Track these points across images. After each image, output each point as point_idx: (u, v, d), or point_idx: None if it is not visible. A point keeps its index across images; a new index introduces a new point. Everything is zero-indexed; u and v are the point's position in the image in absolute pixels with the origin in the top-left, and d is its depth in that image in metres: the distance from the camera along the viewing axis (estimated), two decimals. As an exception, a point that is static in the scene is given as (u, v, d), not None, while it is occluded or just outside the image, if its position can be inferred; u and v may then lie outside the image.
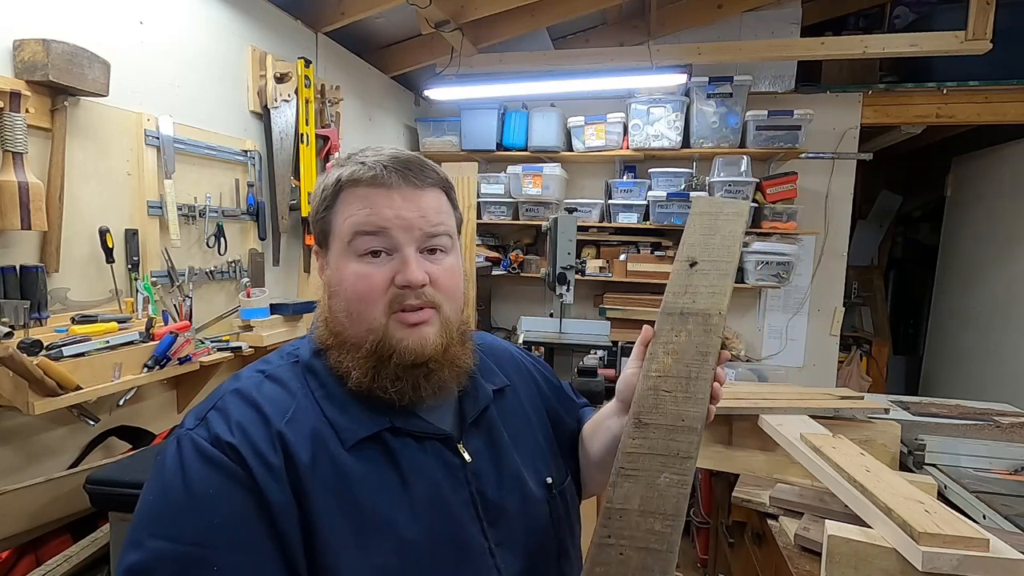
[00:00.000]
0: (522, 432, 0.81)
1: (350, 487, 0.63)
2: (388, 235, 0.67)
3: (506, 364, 0.89)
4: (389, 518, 0.63)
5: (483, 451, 0.74)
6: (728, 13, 3.36)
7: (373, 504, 0.63)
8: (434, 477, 0.68)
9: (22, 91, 1.38)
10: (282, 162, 2.40)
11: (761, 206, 3.28)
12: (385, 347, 0.67)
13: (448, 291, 0.71)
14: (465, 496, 0.69)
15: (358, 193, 0.68)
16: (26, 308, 1.36)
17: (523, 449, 0.79)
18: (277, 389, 0.68)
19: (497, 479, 0.72)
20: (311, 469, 0.62)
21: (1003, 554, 0.91)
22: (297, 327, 2.23)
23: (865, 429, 1.73)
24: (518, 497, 0.73)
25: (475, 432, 0.75)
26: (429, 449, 0.69)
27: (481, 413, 0.76)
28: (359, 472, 0.64)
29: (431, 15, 2.76)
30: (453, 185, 0.76)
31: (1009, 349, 3.55)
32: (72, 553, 1.22)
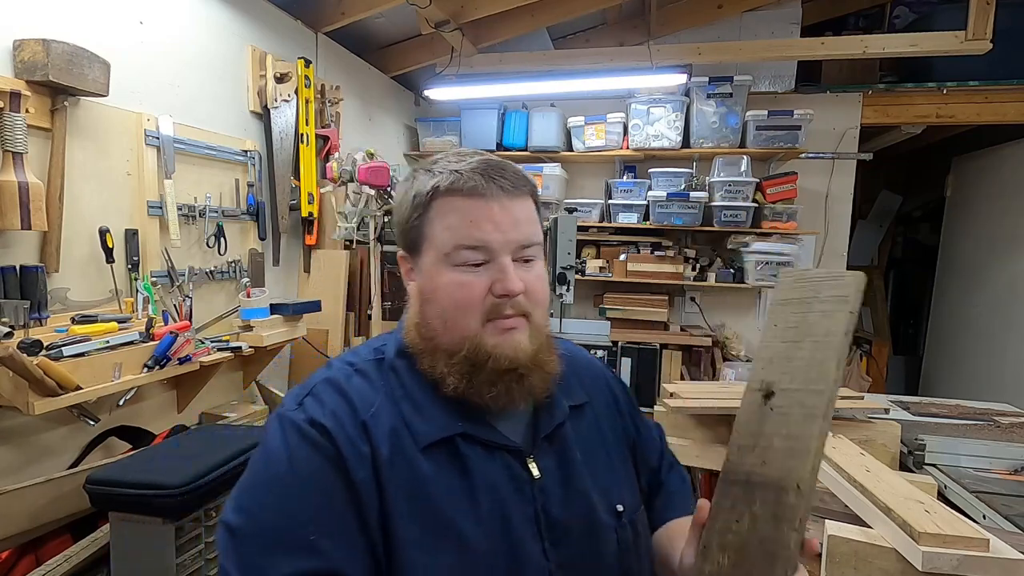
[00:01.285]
0: (596, 453, 0.76)
1: (423, 487, 0.64)
2: (488, 248, 0.67)
3: (586, 377, 0.84)
4: (455, 523, 0.64)
5: (553, 468, 0.71)
6: (728, 13, 3.36)
7: (442, 507, 0.64)
8: (500, 488, 0.67)
9: (22, 91, 1.38)
10: (282, 162, 2.40)
11: (761, 206, 3.28)
12: (480, 353, 0.67)
13: (538, 299, 0.71)
14: (530, 512, 0.68)
15: (455, 203, 0.68)
16: (26, 308, 1.36)
17: (595, 471, 0.74)
18: (364, 384, 0.70)
19: (564, 499, 0.70)
20: (389, 463, 0.64)
21: (1003, 554, 0.91)
22: (297, 327, 2.23)
23: (865, 429, 1.73)
24: (585, 520, 0.70)
25: (547, 448, 0.72)
26: (498, 459, 0.69)
27: (555, 429, 0.73)
28: (431, 474, 0.65)
29: (431, 15, 2.76)
30: (534, 189, 0.74)
31: (1009, 349, 3.55)
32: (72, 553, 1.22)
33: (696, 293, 3.70)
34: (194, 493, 1.13)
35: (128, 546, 1.15)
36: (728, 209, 3.28)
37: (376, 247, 2.40)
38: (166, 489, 1.10)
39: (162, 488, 1.10)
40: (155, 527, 1.12)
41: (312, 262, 2.62)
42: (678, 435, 1.86)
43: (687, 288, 3.64)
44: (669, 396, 1.94)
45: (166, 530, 1.12)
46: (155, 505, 1.10)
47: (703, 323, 3.70)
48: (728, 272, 3.39)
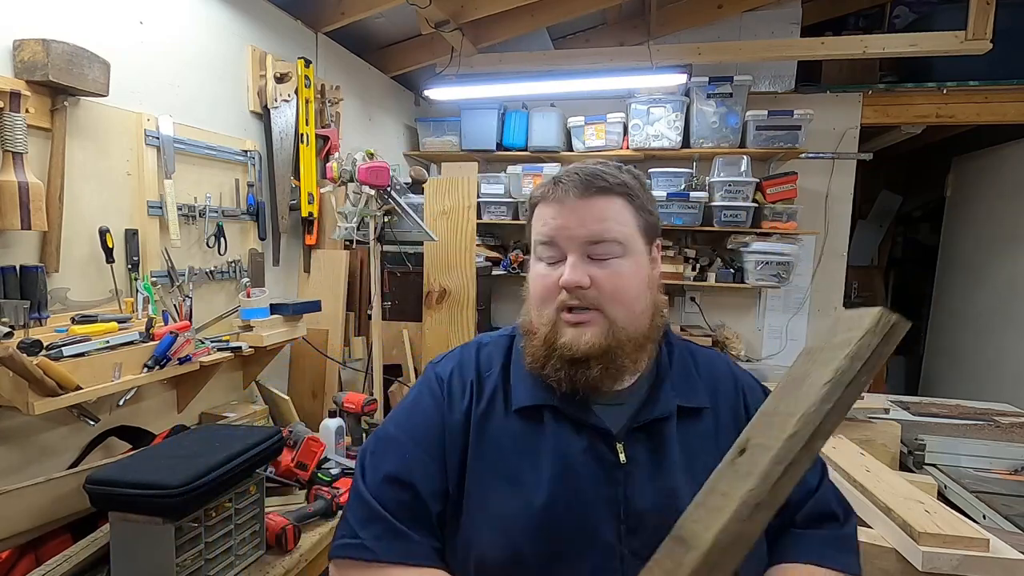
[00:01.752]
0: (701, 458, 0.74)
1: (502, 439, 0.77)
2: (556, 244, 0.77)
3: (721, 388, 0.83)
4: (520, 476, 0.74)
5: (643, 459, 0.74)
6: (728, 13, 3.36)
7: (512, 459, 0.75)
8: (575, 461, 0.73)
9: (22, 91, 1.38)
10: (282, 162, 2.40)
11: (761, 206, 3.28)
12: (552, 340, 0.76)
13: (610, 294, 0.74)
14: (612, 494, 0.72)
15: (540, 208, 0.81)
16: (26, 308, 1.36)
17: (694, 475, 0.72)
18: (488, 354, 0.86)
19: (651, 491, 0.72)
20: (483, 415, 0.79)
21: (1003, 554, 0.91)
22: (297, 327, 2.23)
23: (865, 429, 1.73)
24: (666, 517, 0.68)
25: (641, 438, 0.75)
26: (584, 438, 0.75)
27: (653, 422, 0.76)
28: (512, 431, 0.77)
29: (431, 15, 2.76)
30: (639, 188, 0.78)
31: (1009, 349, 3.55)
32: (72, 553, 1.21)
33: (696, 293, 3.70)
34: (194, 493, 1.13)
35: (128, 546, 1.15)
36: (728, 209, 3.28)
37: (376, 247, 2.40)
38: (166, 489, 1.09)
39: (162, 488, 1.10)
40: (155, 527, 1.12)
41: (312, 262, 2.62)
42: (678, 435, 1.86)
43: (687, 288, 3.64)
44: (669, 396, 1.93)
45: (166, 530, 1.12)
46: (155, 505, 1.10)
47: (703, 323, 3.70)
48: (728, 272, 3.39)
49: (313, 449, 1.71)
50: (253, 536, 1.35)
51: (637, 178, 0.81)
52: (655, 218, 0.80)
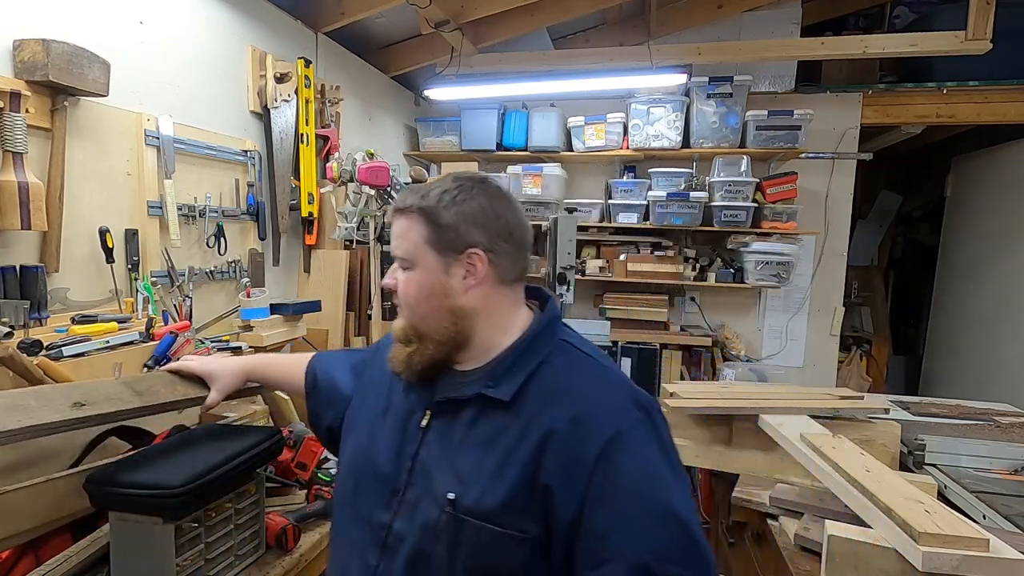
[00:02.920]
0: (480, 445, 0.80)
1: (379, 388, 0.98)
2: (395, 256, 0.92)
3: (548, 400, 0.80)
4: (372, 426, 0.94)
5: (440, 429, 0.86)
6: (728, 13, 3.37)
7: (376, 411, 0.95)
8: (401, 417, 0.91)
9: (22, 91, 1.38)
10: (282, 162, 2.40)
11: (761, 206, 3.28)
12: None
13: (401, 298, 0.90)
14: (410, 450, 0.86)
15: None
16: (26, 308, 1.36)
17: (464, 457, 0.81)
18: None
19: (434, 457, 0.85)
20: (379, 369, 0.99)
21: (1003, 554, 0.91)
22: (297, 327, 2.23)
23: (865, 429, 1.73)
24: (427, 483, 0.83)
25: (444, 411, 0.87)
26: (412, 400, 0.91)
27: (452, 400, 0.86)
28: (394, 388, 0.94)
29: (431, 15, 2.76)
30: (428, 211, 0.86)
31: (1009, 349, 3.55)
32: (72, 553, 1.21)
33: (696, 293, 3.71)
34: (194, 493, 1.13)
35: (128, 546, 1.15)
36: (728, 209, 3.28)
37: (376, 247, 2.40)
38: (166, 489, 1.09)
39: (162, 488, 1.10)
40: (155, 527, 1.12)
41: (312, 262, 2.62)
42: (678, 435, 1.86)
43: (687, 288, 3.64)
44: (669, 396, 1.94)
45: (166, 530, 1.11)
46: (155, 505, 1.10)
47: (703, 323, 3.70)
48: (728, 272, 3.39)
49: (313, 449, 1.70)
50: (253, 536, 1.35)
51: (451, 194, 0.85)
52: (457, 232, 0.84)
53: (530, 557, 0.75)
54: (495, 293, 0.87)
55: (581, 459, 0.75)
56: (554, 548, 0.76)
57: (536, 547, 0.75)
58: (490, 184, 0.88)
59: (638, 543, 0.71)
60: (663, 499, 0.73)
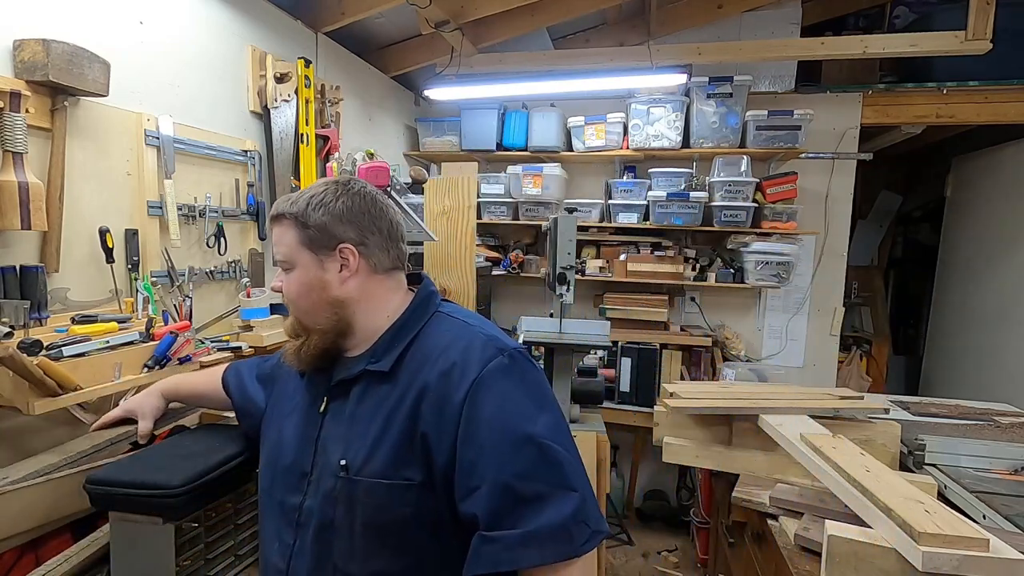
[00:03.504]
0: (365, 414, 0.91)
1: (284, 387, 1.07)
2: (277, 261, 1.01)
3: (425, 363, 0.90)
4: (281, 424, 1.02)
5: (335, 409, 0.95)
6: (728, 13, 3.36)
7: (283, 409, 1.03)
8: (303, 408, 0.99)
9: (22, 91, 1.38)
10: (282, 162, 2.40)
11: (761, 206, 3.28)
12: None
13: (287, 297, 0.98)
14: (313, 434, 0.95)
15: None
16: (26, 308, 1.36)
17: (355, 428, 0.91)
18: None
19: (330, 435, 0.93)
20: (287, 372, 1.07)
21: (1003, 554, 0.91)
22: (297, 327, 2.23)
23: (865, 429, 1.73)
24: (325, 458, 0.92)
25: (338, 393, 0.95)
26: (313, 391, 0.99)
27: (341, 382, 0.95)
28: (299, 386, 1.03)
29: (431, 15, 2.76)
30: (297, 214, 0.95)
31: (1009, 349, 3.55)
32: (72, 553, 1.21)
33: (696, 293, 3.71)
34: (194, 493, 1.13)
35: (128, 546, 1.15)
36: (728, 209, 3.28)
37: (376, 247, 2.40)
38: (166, 489, 1.09)
39: (162, 488, 1.10)
40: (155, 527, 1.12)
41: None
42: (678, 435, 1.87)
43: (687, 288, 3.64)
44: (669, 396, 1.94)
45: (166, 530, 1.11)
46: (155, 505, 1.10)
47: (703, 323, 3.71)
48: (728, 272, 3.39)
49: (313, 449, 1.71)
50: (253, 536, 1.35)
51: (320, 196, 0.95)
52: (326, 231, 0.93)
53: (417, 502, 0.85)
54: (371, 282, 0.96)
55: (450, 405, 0.84)
56: (436, 490, 0.85)
57: (422, 492, 0.85)
58: (354, 184, 0.98)
59: (500, 468, 0.80)
60: (521, 428, 0.82)
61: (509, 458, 0.80)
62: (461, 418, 0.83)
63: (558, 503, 0.79)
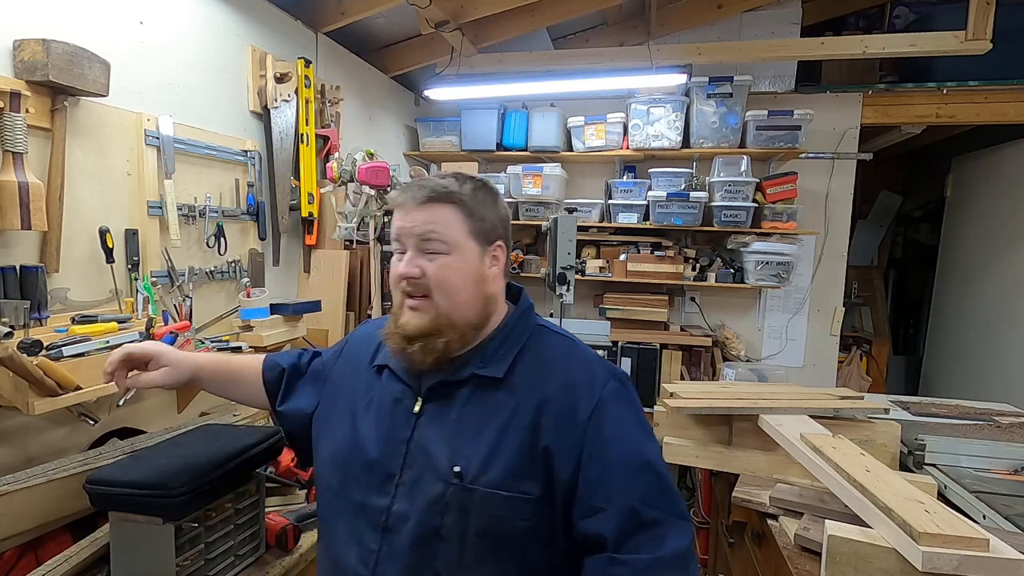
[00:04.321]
0: (477, 420, 0.88)
1: (353, 386, 1.01)
2: (400, 241, 0.93)
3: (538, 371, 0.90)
4: (356, 415, 0.97)
5: (434, 411, 0.91)
6: (728, 13, 3.36)
7: (354, 401, 0.98)
8: (385, 407, 0.95)
9: (22, 91, 1.38)
10: (282, 162, 2.40)
11: (761, 206, 3.28)
12: (397, 319, 0.94)
13: (438, 284, 0.89)
14: (405, 435, 0.90)
15: (394, 212, 0.95)
16: (26, 308, 1.36)
17: (464, 432, 0.88)
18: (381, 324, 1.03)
19: (430, 438, 0.89)
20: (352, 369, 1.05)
21: (1003, 554, 0.91)
22: (297, 327, 2.23)
23: (865, 429, 1.73)
24: (426, 458, 0.88)
25: (438, 394, 0.92)
26: (398, 390, 0.95)
27: (445, 384, 0.91)
28: (363, 380, 1.00)
29: (431, 15, 2.76)
30: (465, 201, 0.91)
31: (1009, 349, 3.55)
32: (72, 553, 1.21)
33: (696, 293, 3.70)
34: (194, 493, 1.13)
35: (128, 546, 1.15)
36: (728, 209, 3.28)
37: (376, 247, 2.40)
38: (166, 489, 1.10)
39: (162, 488, 1.10)
40: (155, 527, 1.12)
41: (312, 262, 2.62)
42: (678, 435, 1.86)
43: (687, 288, 3.64)
44: (669, 396, 1.94)
45: (166, 530, 1.12)
46: (155, 505, 1.10)
47: (703, 323, 3.70)
48: (728, 272, 3.39)
49: (313, 449, 1.70)
50: (253, 536, 1.35)
51: (479, 191, 0.94)
52: (491, 225, 0.94)
53: (533, 516, 0.84)
54: (502, 284, 0.98)
55: (574, 421, 0.86)
56: (554, 505, 0.85)
57: (539, 506, 0.84)
58: (494, 185, 1.00)
59: (627, 491, 0.82)
60: (640, 452, 0.86)
61: (633, 482, 0.83)
62: (585, 436, 0.85)
63: (677, 532, 0.81)
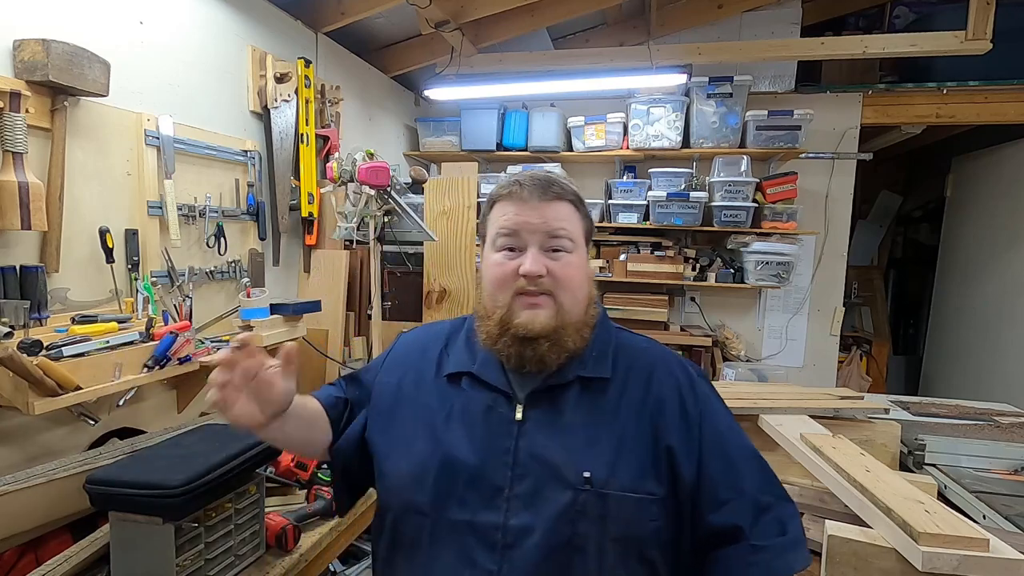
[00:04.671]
0: (592, 424, 0.86)
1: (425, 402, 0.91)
2: (518, 236, 0.87)
3: (639, 370, 0.91)
4: (435, 428, 0.88)
5: (540, 418, 0.86)
6: (728, 13, 3.36)
7: (431, 419, 0.89)
8: (486, 419, 0.87)
9: (22, 91, 1.38)
10: (282, 162, 2.40)
11: (761, 206, 3.28)
12: (507, 321, 0.86)
13: (564, 283, 0.87)
14: (507, 444, 0.84)
15: (502, 205, 0.91)
16: (26, 308, 1.36)
17: (581, 437, 0.85)
18: (439, 331, 1.01)
19: (540, 444, 0.84)
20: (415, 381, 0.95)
21: (1003, 554, 0.91)
22: (297, 327, 2.23)
23: (865, 429, 1.73)
24: (547, 468, 0.83)
25: (542, 400, 0.87)
26: (488, 397, 0.88)
27: (552, 387, 0.87)
28: (434, 392, 0.92)
29: (431, 15, 2.76)
30: (582, 199, 0.93)
31: (1009, 349, 3.55)
32: (72, 553, 1.21)
33: (696, 293, 3.71)
34: (194, 493, 1.13)
35: (128, 546, 1.15)
36: (728, 209, 3.28)
37: (376, 247, 2.40)
38: (166, 489, 1.09)
39: (162, 488, 1.10)
40: (155, 527, 1.12)
41: (312, 262, 2.62)
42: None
43: (687, 288, 3.64)
44: (669, 396, 1.93)
45: (166, 530, 1.12)
46: (155, 505, 1.10)
47: (703, 323, 3.70)
48: (728, 272, 3.39)
49: (313, 449, 1.70)
50: (253, 536, 1.35)
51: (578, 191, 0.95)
52: (591, 224, 0.96)
53: (660, 516, 0.83)
54: None
55: (690, 419, 0.87)
56: (680, 504, 0.84)
57: (663, 506, 0.83)
58: None
59: (749, 480, 0.85)
60: (746, 442, 0.89)
61: (750, 470, 0.86)
62: (702, 433, 0.86)
63: (791, 513, 0.85)
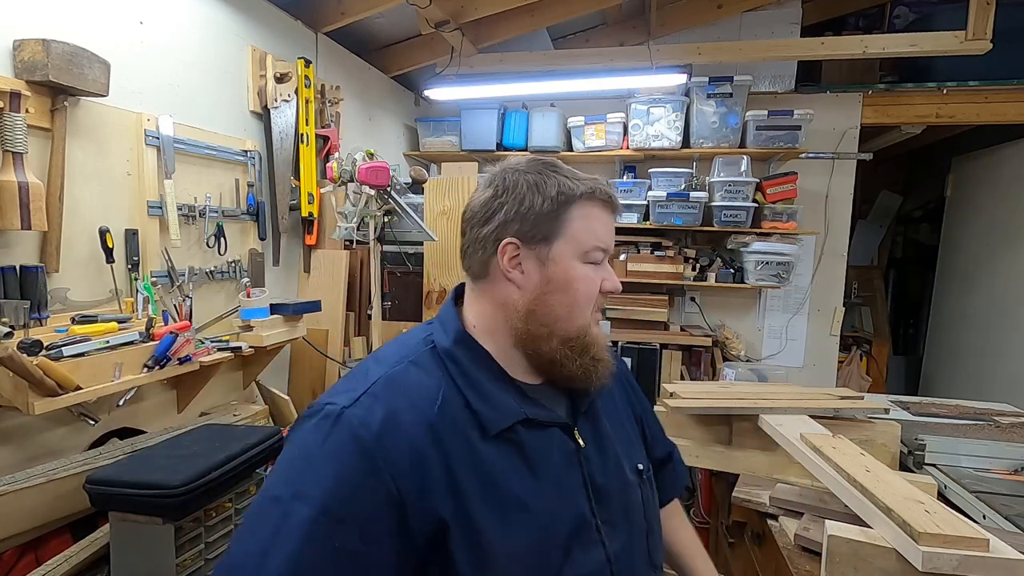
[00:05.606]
0: (618, 425, 0.91)
1: (490, 473, 0.70)
2: (607, 251, 0.82)
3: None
4: (522, 499, 0.71)
5: (592, 438, 0.83)
6: (728, 13, 3.36)
7: (510, 487, 0.70)
8: (554, 460, 0.76)
9: (22, 91, 1.38)
10: (282, 162, 2.40)
11: (761, 206, 3.28)
12: (589, 339, 0.79)
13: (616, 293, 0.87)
14: (579, 478, 0.78)
15: (595, 210, 0.79)
16: (26, 308, 1.36)
17: (620, 439, 0.89)
18: (422, 376, 0.73)
19: (603, 464, 0.82)
20: (462, 457, 0.69)
21: (1003, 554, 0.90)
22: (297, 327, 2.23)
23: (865, 429, 1.73)
24: (619, 480, 0.83)
25: (586, 420, 0.84)
26: (551, 435, 0.77)
27: (591, 404, 0.85)
28: (495, 458, 0.71)
29: (431, 15, 2.76)
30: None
31: (1009, 349, 3.55)
32: (72, 553, 1.22)
33: (696, 293, 3.70)
34: (194, 493, 1.13)
35: (128, 546, 1.15)
36: (728, 209, 3.28)
37: (376, 247, 2.40)
38: (166, 489, 1.10)
39: (162, 488, 1.10)
40: (155, 527, 1.12)
41: (312, 262, 2.62)
42: (678, 435, 1.86)
43: (687, 288, 3.64)
44: (669, 396, 1.93)
45: (166, 530, 1.12)
46: (155, 505, 1.10)
47: (703, 323, 3.70)
48: (728, 272, 3.39)
49: (313, 449, 1.70)
50: (253, 536, 1.35)
51: None
52: None
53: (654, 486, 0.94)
54: None
55: (633, 384, 1.03)
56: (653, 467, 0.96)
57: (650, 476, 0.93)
58: None
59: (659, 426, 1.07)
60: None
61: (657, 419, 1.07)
62: (639, 397, 1.03)
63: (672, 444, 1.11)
